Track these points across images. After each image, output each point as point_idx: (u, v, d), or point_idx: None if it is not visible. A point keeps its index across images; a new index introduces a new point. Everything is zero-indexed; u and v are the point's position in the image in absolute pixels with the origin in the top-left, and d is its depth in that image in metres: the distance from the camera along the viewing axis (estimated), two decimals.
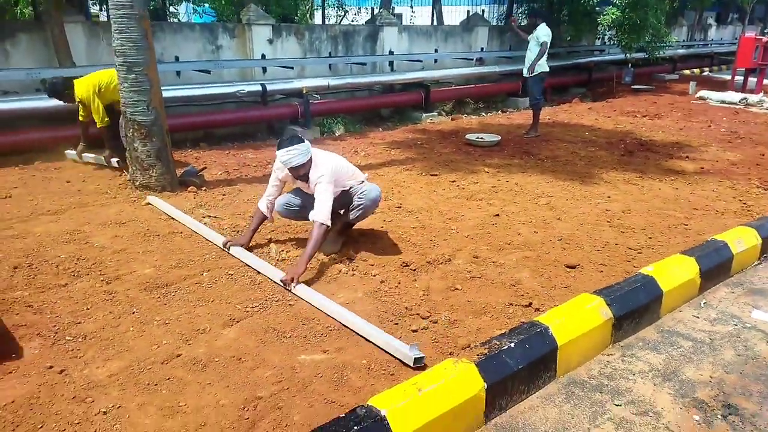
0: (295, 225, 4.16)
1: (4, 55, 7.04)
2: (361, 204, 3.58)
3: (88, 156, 5.73)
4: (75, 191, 4.86)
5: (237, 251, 3.56)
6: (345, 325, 2.77)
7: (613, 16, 11.16)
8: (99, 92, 5.13)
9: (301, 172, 3.36)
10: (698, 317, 3.23)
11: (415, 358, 2.41)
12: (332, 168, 3.44)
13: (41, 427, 2.08)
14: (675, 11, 16.53)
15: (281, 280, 3.16)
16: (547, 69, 7.54)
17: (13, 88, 6.94)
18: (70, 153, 5.96)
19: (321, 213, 3.30)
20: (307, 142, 3.38)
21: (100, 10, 9.90)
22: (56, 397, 2.22)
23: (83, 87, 5.18)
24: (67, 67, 7.17)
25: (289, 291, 3.12)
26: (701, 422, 2.36)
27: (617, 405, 2.45)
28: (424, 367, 2.42)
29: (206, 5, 15.70)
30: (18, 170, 5.58)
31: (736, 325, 3.16)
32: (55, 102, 6.69)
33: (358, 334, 2.70)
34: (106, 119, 5.22)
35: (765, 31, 21.19)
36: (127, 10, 4.26)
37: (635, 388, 2.58)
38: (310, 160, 3.37)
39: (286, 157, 3.28)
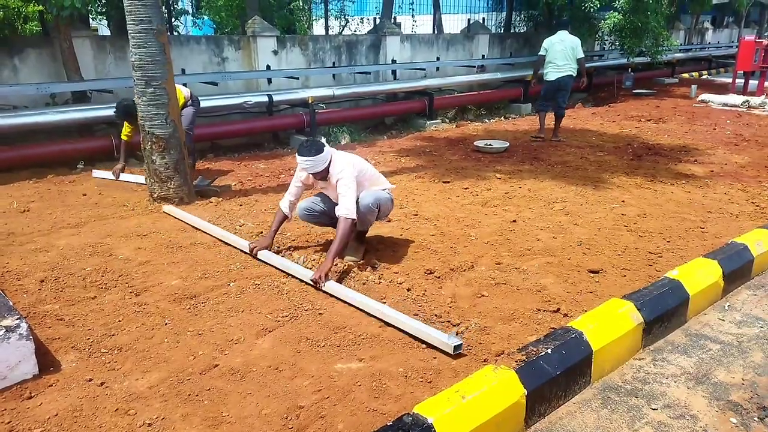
0: (316, 232, 4.18)
1: (13, 70, 7.08)
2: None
3: (129, 177, 5.68)
4: (92, 204, 4.87)
5: (264, 255, 3.61)
6: (380, 319, 2.86)
7: (615, 21, 11.26)
8: None
9: (323, 174, 3.45)
10: (723, 320, 3.26)
11: (454, 346, 2.49)
12: (353, 164, 3.48)
13: None
14: (672, 15, 16.68)
15: (311, 279, 3.21)
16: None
17: (23, 102, 6.96)
18: (100, 173, 5.91)
19: (345, 207, 3.33)
20: (327, 148, 3.43)
21: (108, 24, 9.94)
22: (99, 410, 2.23)
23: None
24: (75, 81, 7.22)
25: (320, 289, 3.16)
26: (739, 425, 2.38)
27: (654, 409, 2.47)
28: (461, 355, 2.51)
29: (206, 17, 15.78)
30: (32, 184, 5.59)
31: (762, 327, 3.18)
32: (65, 116, 6.78)
33: (393, 325, 2.78)
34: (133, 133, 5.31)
35: (766, 33, 21.38)
36: (145, 25, 4.29)
37: (669, 392, 2.60)
38: (331, 160, 3.43)
39: (308, 164, 3.36)
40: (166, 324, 2.88)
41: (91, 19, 9.92)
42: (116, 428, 2.13)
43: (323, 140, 3.53)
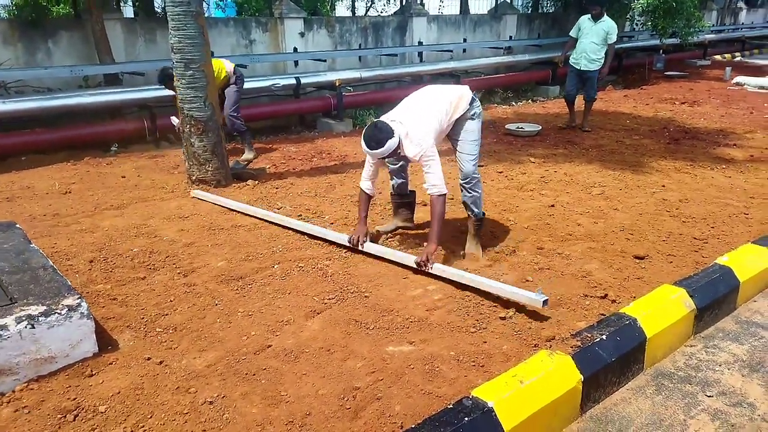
0: (353, 215, 4.18)
1: (46, 53, 7.16)
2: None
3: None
4: (132, 186, 4.94)
5: (370, 247, 3.47)
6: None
7: (649, 0, 10.94)
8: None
9: (396, 154, 3.23)
10: None
11: (543, 301, 2.67)
12: (428, 133, 3.19)
13: (150, 417, 2.13)
14: None
15: (415, 263, 3.17)
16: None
17: (57, 85, 7.05)
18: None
19: (434, 184, 3.17)
20: (396, 127, 3.11)
21: (134, 6, 9.98)
22: (160, 388, 2.28)
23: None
24: (107, 64, 7.28)
25: (427, 272, 3.16)
26: None
27: (709, 396, 2.45)
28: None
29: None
30: (71, 166, 5.68)
31: None
32: (98, 98, 6.85)
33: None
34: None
35: None
36: (184, 7, 4.29)
37: (723, 379, 2.57)
38: (400, 141, 3.14)
39: (378, 153, 3.11)
40: (216, 304, 2.92)
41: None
42: (178, 406, 2.18)
43: (385, 121, 3.17)
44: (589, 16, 7.00)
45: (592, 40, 6.91)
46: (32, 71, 6.79)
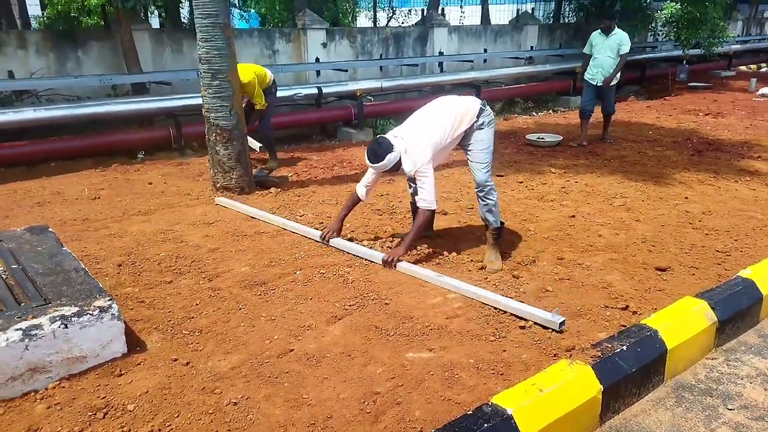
0: (373, 224, 4.24)
1: (76, 62, 7.40)
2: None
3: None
4: (159, 193, 5.07)
5: (337, 242, 3.73)
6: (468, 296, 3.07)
7: (672, 11, 10.87)
8: (257, 79, 5.52)
9: (398, 168, 3.44)
10: None
11: (559, 322, 2.67)
12: (425, 149, 3.34)
13: (177, 416, 2.20)
14: (730, 5, 15.99)
15: (383, 260, 3.32)
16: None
17: (86, 93, 7.27)
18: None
19: (424, 199, 3.36)
20: (395, 144, 3.35)
21: (161, 18, 10.26)
22: (186, 388, 2.35)
23: (247, 72, 5.42)
24: (135, 73, 7.49)
25: (392, 269, 3.31)
26: None
27: (730, 410, 2.43)
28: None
29: (252, 11, 16.03)
30: (99, 172, 5.84)
31: None
32: (127, 107, 7.04)
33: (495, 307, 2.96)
34: (264, 102, 5.64)
35: None
36: (212, 19, 4.42)
37: (745, 393, 2.55)
38: (401, 155, 3.36)
39: (378, 167, 3.37)
40: (240, 309, 2.99)
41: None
42: (204, 406, 2.24)
43: (387, 136, 3.41)
44: (599, 30, 6.78)
45: (607, 54, 6.70)
46: (63, 80, 7.03)
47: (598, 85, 6.83)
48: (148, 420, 2.17)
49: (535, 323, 2.79)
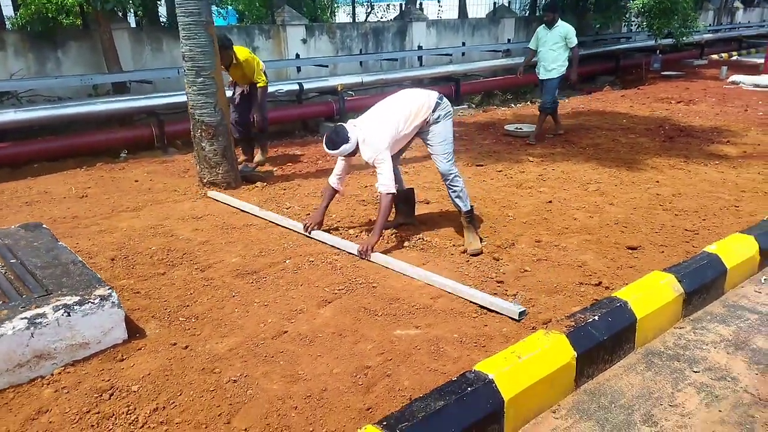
0: (359, 214, 4.38)
1: (56, 63, 7.39)
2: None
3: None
4: (146, 190, 5.14)
5: (318, 234, 3.88)
6: (431, 284, 3.16)
7: (645, 1, 11.14)
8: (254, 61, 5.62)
9: (354, 154, 3.65)
10: (760, 292, 3.38)
11: (519, 312, 2.78)
12: (382, 139, 3.53)
13: (180, 394, 2.32)
14: None
15: (357, 251, 3.49)
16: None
17: (67, 94, 7.27)
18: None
19: (383, 183, 3.54)
20: (352, 132, 3.53)
21: (139, 17, 10.23)
22: (187, 369, 2.47)
23: (243, 51, 5.51)
24: (115, 72, 7.51)
25: (367, 259, 3.46)
26: None
27: (695, 372, 2.63)
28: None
29: (230, 7, 15.98)
30: (84, 171, 5.88)
31: None
32: (108, 106, 7.05)
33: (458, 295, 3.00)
34: (265, 79, 5.73)
35: None
36: (195, 17, 4.50)
37: (710, 356, 2.75)
38: (358, 141, 3.56)
39: (335, 153, 3.60)
40: (233, 296, 3.11)
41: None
42: (205, 384, 2.37)
43: (346, 125, 3.59)
44: (543, 24, 6.80)
45: (549, 47, 6.70)
46: (43, 81, 7.02)
47: (541, 78, 6.89)
48: (153, 399, 2.29)
49: (498, 312, 2.87)
